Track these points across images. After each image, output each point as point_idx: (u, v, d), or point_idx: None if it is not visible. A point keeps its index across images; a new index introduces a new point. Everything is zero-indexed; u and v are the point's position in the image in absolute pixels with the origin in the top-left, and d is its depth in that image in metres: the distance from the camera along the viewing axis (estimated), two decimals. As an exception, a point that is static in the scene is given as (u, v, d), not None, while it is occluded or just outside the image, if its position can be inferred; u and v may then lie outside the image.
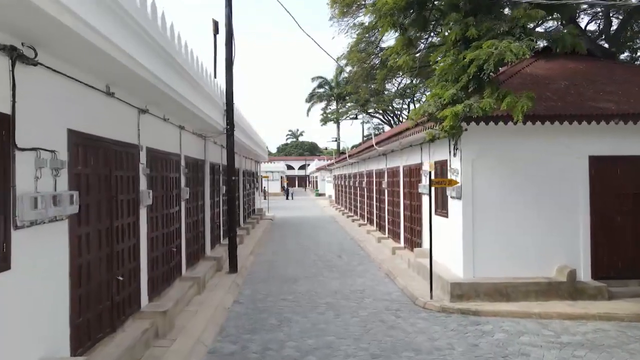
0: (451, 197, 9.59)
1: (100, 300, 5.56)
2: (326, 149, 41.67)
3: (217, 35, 11.55)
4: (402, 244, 14.20)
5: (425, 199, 11.50)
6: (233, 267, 11.40)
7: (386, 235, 16.70)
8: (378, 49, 30.01)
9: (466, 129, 8.59)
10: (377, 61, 34.41)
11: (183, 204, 9.47)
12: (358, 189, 24.41)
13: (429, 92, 8.11)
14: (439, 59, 8.20)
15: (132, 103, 6.51)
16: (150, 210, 7.31)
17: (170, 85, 6.50)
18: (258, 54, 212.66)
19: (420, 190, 11.67)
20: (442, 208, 10.34)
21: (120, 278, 6.10)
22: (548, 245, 8.95)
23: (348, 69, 37.83)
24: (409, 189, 13.13)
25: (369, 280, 10.96)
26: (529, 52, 6.84)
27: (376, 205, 18.82)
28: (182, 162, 9.48)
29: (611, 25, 16.68)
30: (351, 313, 8.28)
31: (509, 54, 6.72)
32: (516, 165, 9.01)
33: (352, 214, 26.86)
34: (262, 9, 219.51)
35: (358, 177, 24.33)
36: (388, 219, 16.40)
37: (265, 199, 36.05)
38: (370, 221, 20.58)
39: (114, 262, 5.99)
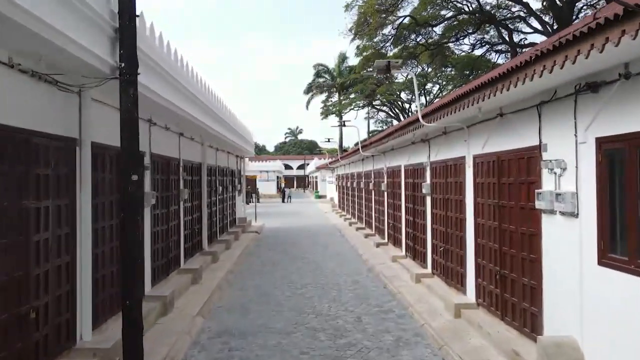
0: None
1: None
2: (328, 140, 35.39)
3: None
4: (468, 294, 7.93)
5: (567, 225, 5.17)
6: (132, 377, 5.10)
7: (428, 269, 10.42)
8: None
9: None
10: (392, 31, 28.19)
11: None
12: (373, 192, 18.11)
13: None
14: None
15: None
16: None
17: None
18: (256, 52, 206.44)
19: (562, 207, 5.35)
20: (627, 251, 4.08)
21: None
22: None
23: (356, 44, 31.58)
24: (498, 198, 6.85)
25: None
26: None
27: (408, 220, 12.51)
28: None
29: None
30: None
31: None
32: None
33: (364, 226, 20.57)
34: (263, 8, 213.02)
35: (373, 177, 18.03)
36: (433, 243, 10.13)
37: (254, 202, 29.77)
38: (395, 241, 14.28)
39: None
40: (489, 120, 7.00)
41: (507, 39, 27.89)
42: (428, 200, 10.45)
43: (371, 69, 31.23)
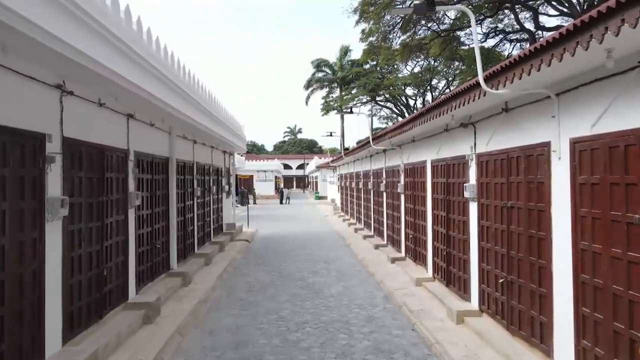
0: None
1: None
2: (330, 134, 32.44)
3: None
4: (559, 358, 5.02)
5: None
6: None
7: (473, 303, 7.49)
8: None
9: None
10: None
11: None
12: (385, 195, 15.15)
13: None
14: None
15: None
16: None
17: None
18: (256, 51, 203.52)
19: None
20: None
21: None
22: None
23: (360, 27, 28.57)
24: None
25: None
26: None
27: (437, 233, 9.55)
28: None
29: None
30: None
31: None
32: None
33: (372, 233, 17.64)
34: (262, 7, 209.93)
35: (385, 176, 15.08)
36: (481, 268, 7.19)
37: (249, 204, 26.81)
38: (416, 256, 11.34)
39: None
40: (607, 79, 4.10)
41: (524, 25, 25.07)
42: (472, 207, 7.53)
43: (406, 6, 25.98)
